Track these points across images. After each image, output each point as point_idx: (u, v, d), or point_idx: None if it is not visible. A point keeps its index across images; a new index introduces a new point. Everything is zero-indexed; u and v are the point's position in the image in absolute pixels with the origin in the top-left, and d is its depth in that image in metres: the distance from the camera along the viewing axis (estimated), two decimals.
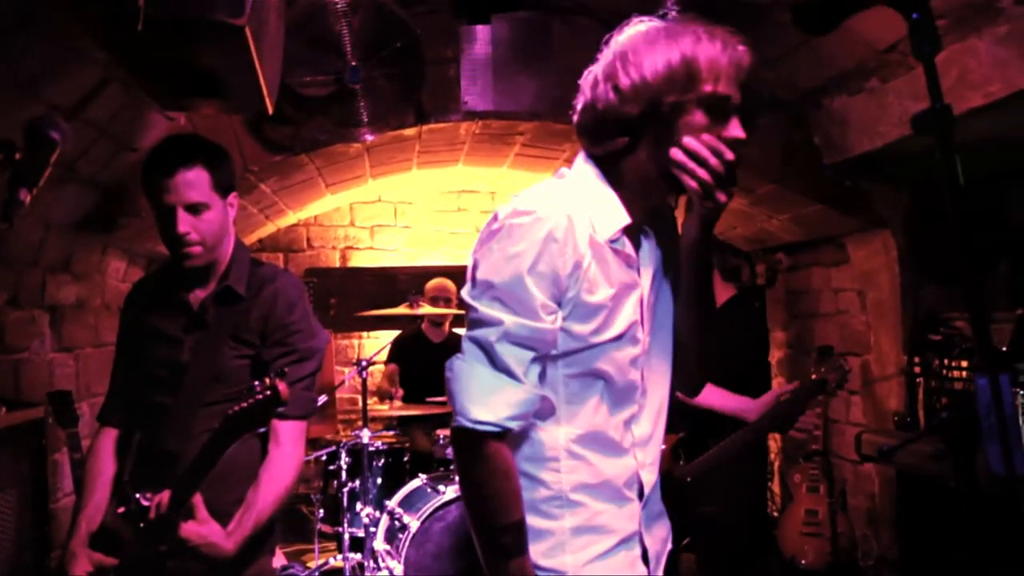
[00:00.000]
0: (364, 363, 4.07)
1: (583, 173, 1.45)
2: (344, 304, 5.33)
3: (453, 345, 4.81)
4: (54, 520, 2.74)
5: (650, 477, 1.50)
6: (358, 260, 5.59)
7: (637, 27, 1.39)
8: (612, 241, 1.40)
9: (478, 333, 1.36)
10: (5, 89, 2.12)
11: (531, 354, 1.34)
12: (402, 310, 4.27)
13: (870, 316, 3.93)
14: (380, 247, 5.64)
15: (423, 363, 4.69)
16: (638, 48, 1.35)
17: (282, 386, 1.71)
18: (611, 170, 1.43)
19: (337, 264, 5.56)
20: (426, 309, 4.35)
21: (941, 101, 0.89)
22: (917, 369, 3.43)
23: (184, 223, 1.91)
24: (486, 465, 1.35)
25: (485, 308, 1.35)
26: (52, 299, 3.06)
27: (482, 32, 3.36)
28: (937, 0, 0.93)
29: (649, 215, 1.49)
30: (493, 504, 1.36)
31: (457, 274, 5.44)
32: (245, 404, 1.71)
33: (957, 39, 2.50)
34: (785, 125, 3.56)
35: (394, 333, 4.90)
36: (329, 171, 4.06)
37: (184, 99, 2.04)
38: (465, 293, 1.40)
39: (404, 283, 5.28)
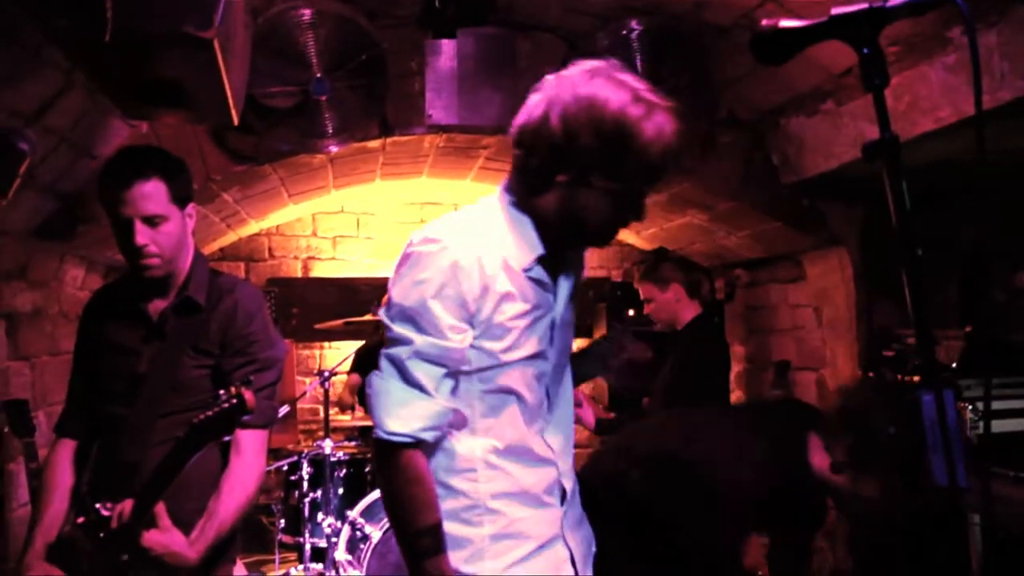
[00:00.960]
0: (326, 374, 4.06)
1: (502, 203, 1.53)
2: (306, 314, 5.29)
3: None
4: (9, 531, 2.69)
5: (568, 483, 1.59)
6: (320, 270, 5.57)
7: (589, 83, 1.41)
8: (527, 270, 1.49)
9: (392, 351, 1.45)
10: None
11: (442, 370, 1.44)
12: (363, 319, 4.26)
13: (826, 332, 4.02)
14: (342, 257, 5.62)
15: None
16: (583, 107, 1.39)
17: (248, 395, 1.72)
18: (526, 203, 1.50)
19: (299, 274, 5.53)
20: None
21: (889, 131, 0.93)
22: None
23: (142, 235, 1.90)
24: (401, 473, 1.44)
25: (398, 328, 1.44)
26: (8, 307, 3.01)
27: (447, 46, 3.38)
28: (889, 28, 0.98)
29: (563, 244, 1.56)
30: (409, 509, 1.44)
31: None
32: (211, 412, 1.71)
33: (909, 66, 2.59)
34: (745, 144, 3.64)
35: (355, 344, 4.88)
36: (292, 181, 4.05)
37: (149, 108, 2.04)
38: (382, 313, 1.50)
39: (366, 294, 5.27)
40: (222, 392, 1.74)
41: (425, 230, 1.48)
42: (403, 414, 1.42)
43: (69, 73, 2.33)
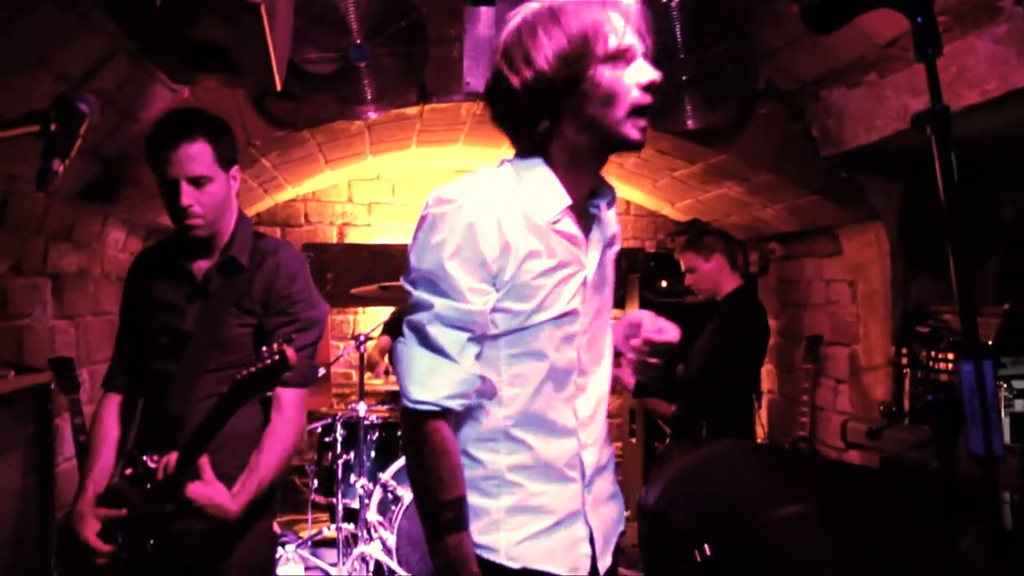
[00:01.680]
0: (361, 338, 4.11)
1: (516, 161, 1.49)
2: (340, 280, 5.35)
3: None
4: (56, 482, 2.78)
5: (592, 458, 1.53)
6: (355, 236, 5.61)
7: (524, 14, 1.43)
8: (554, 223, 1.44)
9: (414, 317, 1.42)
10: (16, 57, 2.14)
11: (465, 335, 1.39)
12: (397, 284, 4.30)
13: (860, 307, 3.99)
14: (377, 224, 5.66)
15: None
16: (532, 36, 1.39)
17: (290, 351, 1.75)
18: (544, 156, 1.46)
19: (334, 240, 5.58)
20: None
21: (940, 102, 0.93)
22: (904, 360, 3.49)
23: (187, 196, 1.95)
24: (426, 443, 1.41)
25: (417, 293, 1.41)
26: (54, 267, 3.09)
27: (486, 13, 3.37)
28: None
29: (591, 195, 1.53)
30: (433, 480, 1.41)
31: None
32: (254, 368, 1.75)
33: (957, 36, 2.54)
34: (783, 115, 3.60)
35: (389, 309, 4.94)
36: (329, 147, 4.08)
37: (194, 72, 2.07)
38: (402, 279, 1.46)
39: (400, 260, 5.28)
40: (264, 349, 1.78)
41: (440, 191, 1.44)
42: (428, 381, 1.39)
43: (115, 37, 2.37)
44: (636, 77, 1.39)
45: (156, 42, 1.93)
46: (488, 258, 1.37)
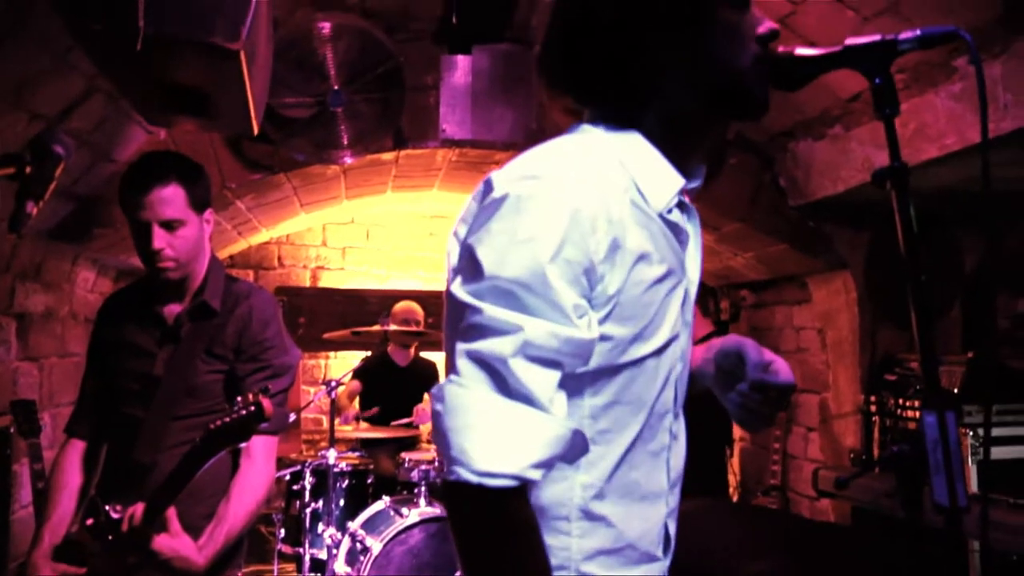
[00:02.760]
0: (332, 383, 4.08)
1: (608, 131, 1.07)
2: (313, 324, 5.33)
3: (419, 369, 4.87)
4: (11, 531, 2.71)
5: (673, 526, 1.16)
6: (328, 280, 5.61)
7: None
8: (667, 212, 1.06)
9: (483, 346, 0.94)
10: None
11: (558, 374, 0.97)
12: (370, 329, 4.30)
13: (829, 355, 4.04)
14: (351, 268, 5.66)
15: (388, 386, 4.71)
16: None
17: (266, 403, 1.73)
18: (634, 122, 1.07)
19: (307, 284, 5.57)
20: (395, 328, 4.38)
21: (899, 160, 0.96)
22: (873, 408, 3.53)
23: (159, 239, 1.94)
24: (504, 535, 0.95)
25: (492, 311, 0.95)
26: (20, 307, 3.04)
27: (463, 62, 3.43)
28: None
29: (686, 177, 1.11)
30: None
31: (427, 298, 5.49)
32: (228, 419, 1.72)
33: (915, 93, 2.63)
34: (754, 165, 3.68)
35: (361, 354, 4.91)
36: (305, 191, 4.10)
37: (170, 115, 2.07)
38: (458, 289, 0.99)
39: (374, 305, 5.31)
40: (239, 399, 1.75)
41: (516, 166, 1.02)
42: (507, 443, 0.93)
43: (92, 78, 2.38)
44: (753, 24, 1.06)
45: (134, 84, 1.93)
46: (595, 259, 0.96)
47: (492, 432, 0.93)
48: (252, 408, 1.71)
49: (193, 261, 2.03)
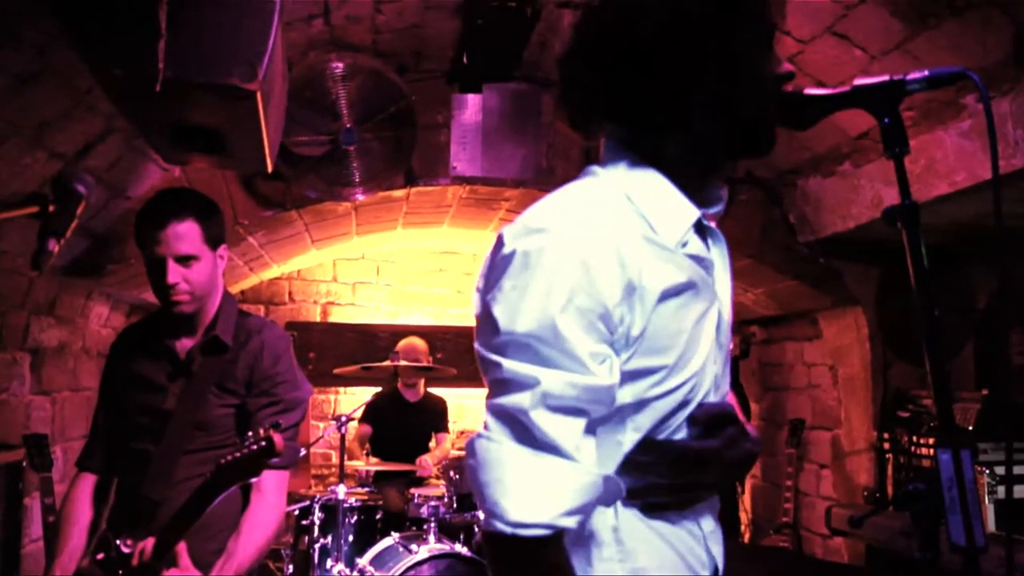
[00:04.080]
0: (343, 419, 4.08)
1: (620, 164, 1.09)
2: (323, 359, 5.34)
3: (429, 405, 4.85)
4: (21, 565, 2.70)
5: (718, 548, 1.15)
6: (339, 316, 5.62)
7: None
8: (683, 244, 1.07)
9: (505, 401, 0.98)
10: (12, 133, 2.18)
11: (582, 421, 0.98)
12: (380, 364, 4.30)
13: (841, 391, 4.02)
14: (361, 304, 5.68)
15: (398, 423, 4.70)
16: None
17: (278, 438, 1.73)
18: (651, 152, 1.09)
19: (318, 319, 5.58)
20: (404, 363, 4.38)
21: (910, 198, 0.97)
22: (886, 445, 3.50)
23: (174, 274, 1.96)
24: None
25: (511, 365, 0.98)
26: (35, 341, 3.07)
27: (473, 100, 3.48)
28: None
29: (705, 204, 1.13)
30: None
31: (436, 334, 5.50)
32: (239, 454, 1.73)
33: (924, 130, 2.65)
34: (763, 202, 3.70)
35: (370, 390, 4.91)
36: (316, 227, 4.13)
37: (186, 153, 2.10)
38: (480, 346, 1.03)
39: (384, 340, 5.31)
40: (250, 434, 1.76)
41: (523, 218, 1.03)
42: (535, 494, 0.95)
43: (111, 118, 2.43)
44: (775, 66, 1.07)
45: (152, 124, 1.96)
46: (610, 304, 0.98)
47: (522, 484, 0.96)
48: (263, 443, 1.72)
49: (206, 296, 2.05)
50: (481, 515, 1.01)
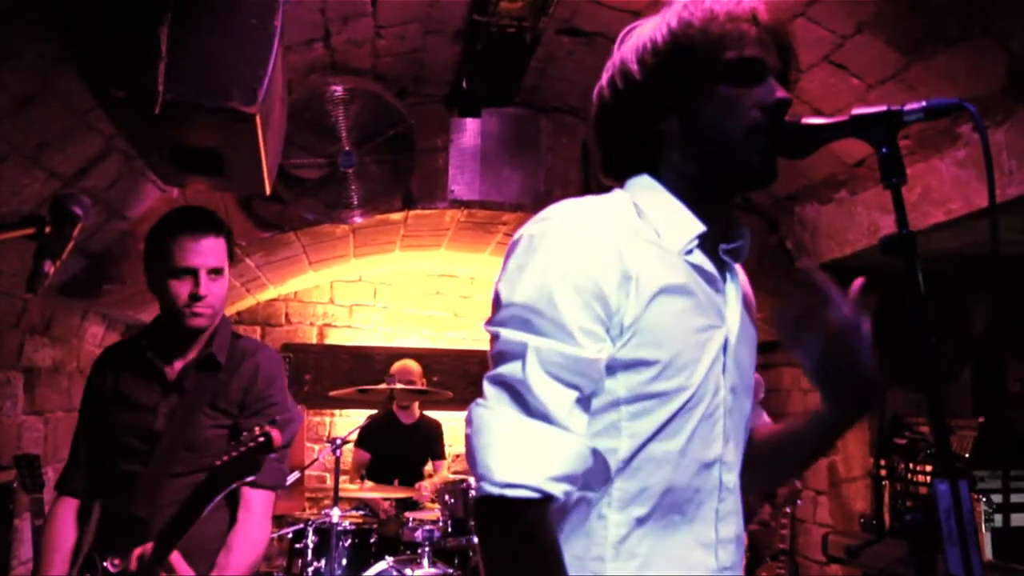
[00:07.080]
0: (338, 441, 4.05)
1: (635, 186, 1.18)
2: (319, 381, 5.32)
3: (424, 428, 4.83)
4: None
5: (728, 557, 1.14)
6: (335, 338, 5.61)
7: (634, 32, 1.18)
8: (686, 253, 1.11)
9: (502, 369, 1.02)
10: (11, 152, 2.18)
11: (574, 393, 1.01)
12: (377, 387, 4.28)
13: None
14: (358, 326, 5.66)
15: (393, 446, 4.68)
16: (634, 47, 1.14)
17: (275, 433, 1.71)
18: (659, 181, 1.16)
19: (314, 341, 5.57)
20: (400, 386, 4.37)
21: (907, 228, 0.97)
22: (883, 472, 3.49)
23: (205, 285, 1.97)
24: (524, 545, 0.97)
25: (508, 335, 1.02)
26: (28, 361, 3.05)
27: (472, 125, 3.50)
28: None
29: (721, 238, 1.19)
30: None
31: (433, 356, 5.49)
32: (235, 453, 1.70)
33: (920, 159, 2.66)
34: (760, 229, 3.71)
35: (366, 413, 4.88)
36: (314, 249, 4.13)
37: (185, 175, 2.11)
38: (487, 325, 1.09)
39: (380, 363, 5.30)
40: (245, 433, 1.74)
41: (535, 217, 1.11)
42: (524, 456, 0.97)
43: (110, 138, 2.43)
44: (762, 96, 1.10)
45: (151, 145, 1.97)
46: (606, 287, 1.02)
47: (512, 447, 0.99)
48: (261, 439, 1.70)
49: (219, 314, 2.06)
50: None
